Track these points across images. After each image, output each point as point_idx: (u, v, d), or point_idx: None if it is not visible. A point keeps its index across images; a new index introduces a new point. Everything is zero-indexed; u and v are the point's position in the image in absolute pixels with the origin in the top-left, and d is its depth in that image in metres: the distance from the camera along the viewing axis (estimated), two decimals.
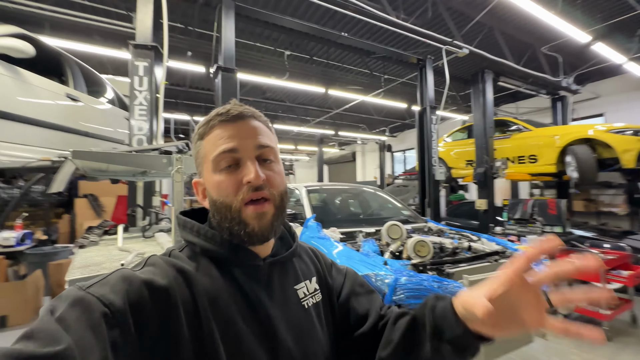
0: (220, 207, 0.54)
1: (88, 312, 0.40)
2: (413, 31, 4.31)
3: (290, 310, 0.59)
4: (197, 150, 0.59)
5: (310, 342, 0.59)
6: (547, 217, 4.08)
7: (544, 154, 5.35)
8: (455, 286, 1.88)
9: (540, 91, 6.82)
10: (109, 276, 0.47)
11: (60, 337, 0.36)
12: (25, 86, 2.35)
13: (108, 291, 0.43)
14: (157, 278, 0.48)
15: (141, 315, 0.43)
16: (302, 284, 0.63)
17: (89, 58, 5.80)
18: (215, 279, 0.53)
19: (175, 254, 0.56)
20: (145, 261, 0.53)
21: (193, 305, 0.49)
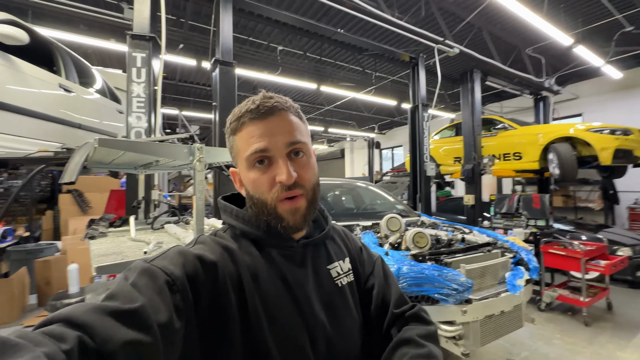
0: (257, 202, 0.58)
1: (154, 279, 0.45)
2: (407, 29, 4.39)
3: (323, 289, 0.61)
4: (231, 144, 0.61)
5: (343, 319, 0.61)
6: (532, 211, 4.28)
7: (528, 151, 5.58)
8: (454, 274, 1.98)
9: (524, 91, 7.09)
10: (167, 252, 0.52)
11: (136, 297, 0.42)
12: (19, 75, 2.27)
13: (168, 263, 0.48)
14: (207, 254, 0.53)
15: (196, 284, 0.49)
16: (336, 264, 0.66)
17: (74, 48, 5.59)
18: (255, 257, 0.58)
19: (220, 234, 0.61)
20: (196, 240, 0.58)
21: (238, 279, 0.54)
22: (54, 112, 2.61)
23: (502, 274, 2.38)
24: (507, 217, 4.53)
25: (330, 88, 7.61)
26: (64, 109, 2.75)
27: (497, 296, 2.14)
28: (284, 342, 0.53)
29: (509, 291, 2.20)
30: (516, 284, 2.26)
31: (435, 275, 1.95)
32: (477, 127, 5.71)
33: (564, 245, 3.67)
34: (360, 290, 0.69)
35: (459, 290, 1.93)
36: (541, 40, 5.99)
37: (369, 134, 13.88)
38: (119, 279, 0.46)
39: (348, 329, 0.61)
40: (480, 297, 2.07)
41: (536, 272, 2.48)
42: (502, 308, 2.14)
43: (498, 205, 4.69)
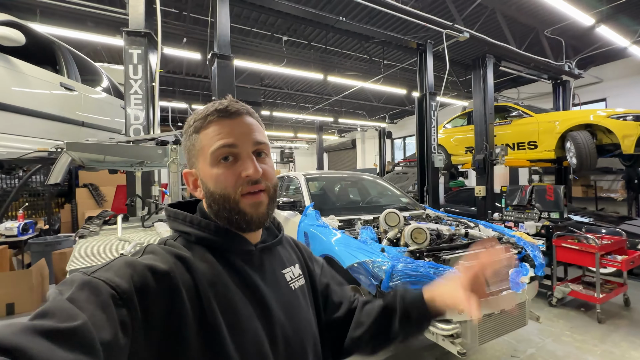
0: (218, 198, 0.58)
1: (96, 293, 0.42)
2: (412, 15, 4.20)
3: (280, 291, 0.64)
4: (192, 142, 0.61)
5: (299, 319, 0.64)
6: (545, 203, 4.09)
7: (543, 140, 5.32)
8: (450, 272, 1.92)
9: (542, 76, 6.71)
10: (112, 262, 0.49)
11: (76, 314, 0.38)
12: (18, 75, 2.32)
13: (113, 275, 0.45)
14: (159, 264, 0.50)
15: (146, 297, 0.46)
16: (288, 269, 0.69)
17: (83, 46, 5.69)
18: (212, 264, 0.56)
19: (170, 243, 0.58)
20: (143, 249, 0.55)
21: (194, 288, 0.52)
22: (56, 110, 2.67)
23: (505, 270, 2.29)
24: (519, 209, 4.35)
25: (338, 78, 7.46)
26: (66, 107, 2.80)
27: (498, 294, 2.06)
28: (244, 346, 0.53)
29: (512, 289, 2.12)
30: (519, 281, 2.17)
31: (431, 273, 1.89)
32: (490, 116, 5.46)
33: (577, 239, 3.50)
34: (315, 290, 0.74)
35: None
36: (561, 20, 5.61)
37: (380, 123, 13.63)
38: (53, 293, 0.42)
39: (303, 328, 0.64)
40: None
41: (542, 268, 2.37)
42: (503, 306, 2.05)
43: (509, 197, 4.51)
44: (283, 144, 20.02)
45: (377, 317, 0.73)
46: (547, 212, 4.06)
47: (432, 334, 2.03)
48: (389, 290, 1.96)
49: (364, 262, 2.06)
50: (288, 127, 15.88)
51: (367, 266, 2.03)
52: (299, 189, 3.68)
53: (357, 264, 2.10)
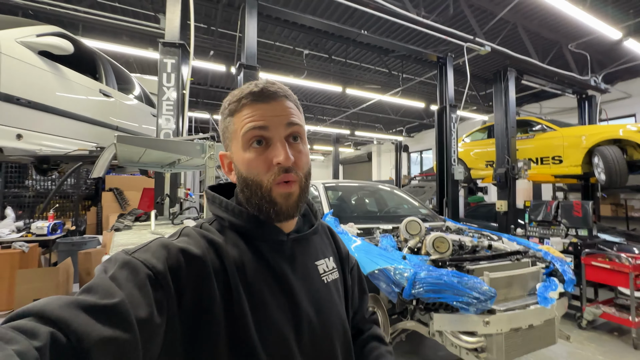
0: (250, 184, 0.57)
1: (135, 273, 0.44)
2: (433, 28, 4.26)
3: (311, 284, 0.62)
4: (226, 125, 0.60)
5: (329, 314, 0.62)
6: (572, 219, 3.93)
7: (569, 154, 5.16)
8: (475, 282, 1.87)
9: (566, 90, 6.57)
10: (150, 244, 0.50)
11: (115, 292, 0.40)
12: (64, 81, 2.51)
13: (150, 256, 0.47)
14: (192, 247, 0.51)
15: (179, 279, 0.47)
16: (322, 261, 0.67)
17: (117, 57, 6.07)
18: (243, 251, 0.56)
19: (205, 227, 0.58)
20: (180, 232, 0.56)
21: (223, 273, 0.52)
22: (94, 115, 2.86)
23: (532, 285, 2.21)
24: (544, 225, 4.20)
25: (356, 90, 7.58)
26: (103, 112, 2.99)
27: (524, 308, 1.98)
28: (269, 336, 0.52)
29: (540, 304, 2.04)
30: (548, 296, 2.08)
31: (455, 282, 1.85)
32: (512, 129, 5.37)
33: (609, 258, 3.33)
34: (346, 285, 0.72)
35: (481, 300, 1.82)
36: (585, 34, 5.53)
37: (396, 137, 13.59)
38: (98, 271, 0.45)
39: (333, 323, 0.62)
40: (506, 308, 1.93)
41: (572, 284, 2.27)
42: (530, 321, 1.98)
43: (533, 213, 4.36)
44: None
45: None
46: (574, 228, 3.90)
47: (455, 347, 1.96)
48: (410, 298, 1.93)
49: (386, 268, 2.04)
50: None
51: (388, 273, 2.01)
52: (318, 197, 3.71)
53: (377, 271, 2.08)
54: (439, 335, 2.01)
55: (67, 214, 6.28)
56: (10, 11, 4.41)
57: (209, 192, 0.63)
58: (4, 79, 2.01)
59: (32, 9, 4.29)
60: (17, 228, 4.52)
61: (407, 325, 2.15)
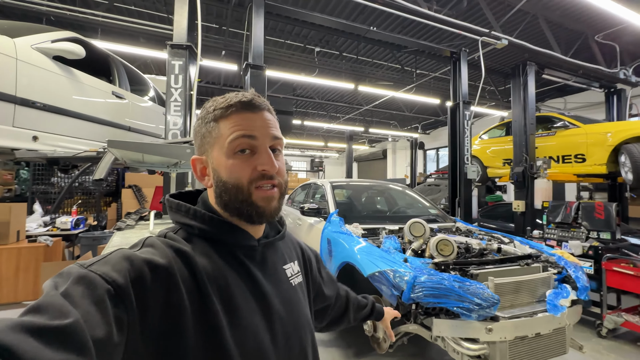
0: (231, 188, 0.57)
1: (92, 288, 0.40)
2: (446, 23, 4.12)
3: (281, 287, 0.64)
4: (209, 130, 0.59)
5: (299, 315, 0.65)
6: (594, 221, 3.71)
7: (593, 153, 4.87)
8: (477, 287, 1.80)
9: (592, 84, 6.20)
10: (109, 256, 0.47)
11: (68, 311, 0.37)
12: (78, 84, 2.63)
13: (110, 269, 0.44)
14: (157, 258, 0.49)
15: (143, 293, 0.45)
16: (289, 265, 0.69)
17: (135, 59, 6.28)
18: (213, 258, 0.55)
19: (170, 236, 0.56)
20: (143, 242, 0.54)
21: (193, 282, 0.51)
22: (107, 116, 2.97)
23: (542, 291, 2.11)
24: (563, 227, 4.00)
25: (369, 88, 7.47)
26: (115, 113, 3.11)
27: (531, 316, 1.90)
28: (244, 341, 0.52)
29: (549, 312, 1.94)
30: (558, 304, 1.98)
31: (456, 287, 1.80)
32: (531, 126, 5.13)
33: (633, 264, 3.13)
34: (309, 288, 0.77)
35: (483, 306, 1.76)
36: (614, 24, 5.19)
37: (411, 134, 13.33)
38: (48, 287, 0.41)
39: (301, 323, 0.65)
40: (510, 315, 1.86)
41: (586, 292, 2.15)
42: (538, 330, 1.90)
43: (552, 214, 4.16)
44: (313, 153, 20.27)
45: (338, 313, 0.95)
46: (596, 231, 3.69)
47: (457, 354, 1.91)
48: (410, 302, 1.89)
49: (385, 271, 2.01)
50: (318, 137, 16.09)
51: (388, 276, 1.98)
52: (325, 196, 3.70)
53: (378, 273, 2.05)
54: (441, 340, 1.96)
55: (90, 210, 6.60)
56: (35, 17, 4.65)
57: (172, 201, 0.62)
58: (20, 84, 2.13)
59: (54, 15, 4.50)
60: (44, 222, 4.80)
61: (409, 329, 2.11)
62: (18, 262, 3.81)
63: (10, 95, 2.08)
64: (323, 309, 0.88)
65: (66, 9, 4.44)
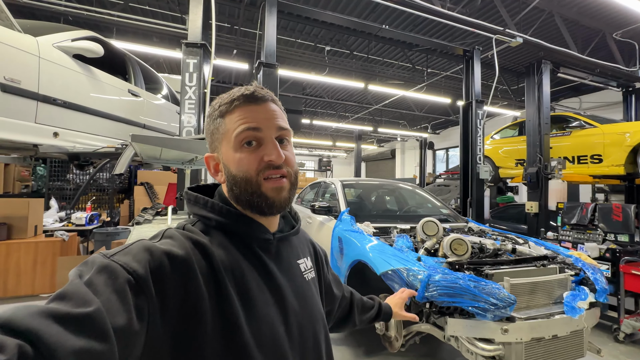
0: (240, 181, 0.58)
1: (114, 278, 0.42)
2: (459, 20, 4.07)
3: (295, 281, 0.64)
4: (216, 126, 0.61)
5: (312, 309, 0.65)
6: (611, 223, 3.62)
7: (610, 153, 4.75)
8: (493, 287, 1.78)
9: (609, 83, 6.05)
10: (131, 246, 0.48)
11: (91, 299, 0.38)
12: (96, 82, 2.69)
13: (131, 260, 0.45)
14: (176, 249, 0.49)
15: (162, 283, 0.45)
16: (302, 260, 0.70)
17: (148, 58, 6.38)
18: (230, 250, 0.56)
19: (189, 228, 0.57)
20: (162, 234, 0.55)
21: (211, 273, 0.52)
22: (123, 113, 3.03)
23: (559, 293, 2.07)
24: (578, 229, 3.91)
25: (379, 87, 7.43)
26: (131, 111, 3.16)
27: (548, 317, 1.87)
28: (260, 332, 0.53)
29: (566, 314, 1.91)
30: (576, 306, 1.94)
31: (471, 286, 1.78)
32: (545, 126, 5.03)
33: None
34: (321, 284, 0.78)
35: (499, 306, 1.73)
36: (633, 21, 5.04)
37: (421, 133, 13.21)
38: (73, 275, 0.42)
39: (315, 317, 0.65)
40: (527, 317, 1.83)
41: (605, 294, 2.10)
42: (555, 332, 1.86)
43: (567, 215, 4.07)
44: (321, 152, 20.27)
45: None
46: (613, 233, 3.60)
47: (472, 354, 1.89)
48: (424, 301, 1.87)
49: (399, 269, 2.00)
50: (327, 136, 16.07)
51: (401, 274, 1.97)
52: (335, 194, 3.69)
53: (391, 271, 2.05)
54: (455, 340, 1.94)
55: (103, 206, 6.74)
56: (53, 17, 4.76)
57: (190, 194, 0.62)
58: (42, 82, 2.19)
59: (72, 15, 4.61)
60: (59, 218, 4.92)
61: (421, 328, 2.10)
62: (36, 255, 3.91)
63: (33, 92, 2.14)
64: (330, 311, 0.88)
65: (83, 9, 4.54)
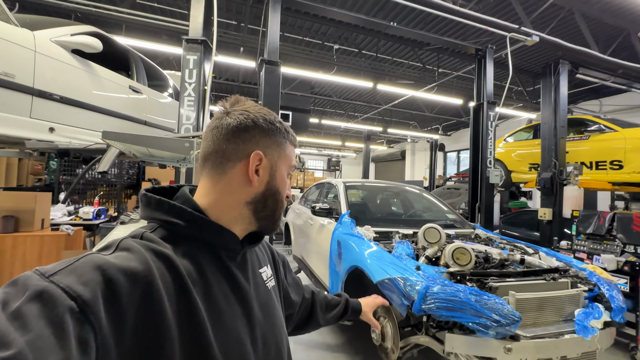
0: (279, 201, 0.64)
1: (50, 306, 0.35)
2: (472, 18, 3.90)
3: (259, 290, 0.65)
4: (282, 144, 0.64)
5: (274, 317, 0.66)
6: (631, 234, 3.40)
7: (632, 159, 4.49)
8: (496, 302, 1.65)
9: (633, 85, 5.73)
10: (77, 262, 0.41)
11: (12, 339, 0.32)
12: (95, 78, 2.67)
13: (75, 281, 0.38)
14: (134, 264, 0.44)
15: (117, 307, 0.40)
16: (264, 268, 0.71)
17: (157, 56, 6.41)
18: (196, 259, 0.53)
19: (147, 236, 0.51)
20: (117, 245, 0.48)
21: (176, 287, 0.48)
22: (123, 109, 3.01)
23: (570, 310, 1.92)
24: (595, 239, 3.70)
25: (388, 86, 7.28)
26: (132, 107, 3.14)
27: (557, 337, 1.72)
28: (227, 346, 0.52)
29: (577, 333, 1.76)
30: (589, 325, 1.79)
31: (472, 300, 1.65)
32: (561, 129, 4.80)
33: None
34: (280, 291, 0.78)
35: (502, 323, 1.60)
36: None
37: (432, 135, 12.94)
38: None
39: (277, 326, 0.66)
40: (533, 335, 1.69)
41: (621, 313, 1.93)
42: (564, 353, 1.72)
43: (583, 224, 3.86)
44: (330, 152, 20.16)
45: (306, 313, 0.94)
46: (632, 245, 3.38)
47: None
48: (421, 313, 1.76)
49: (395, 278, 1.88)
50: (336, 136, 15.96)
51: (398, 284, 1.86)
52: (338, 196, 3.60)
53: (387, 280, 1.94)
54: (454, 356, 1.82)
55: (111, 201, 6.84)
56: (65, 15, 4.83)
57: (151, 196, 0.56)
58: (38, 76, 2.18)
59: (81, 12, 4.65)
60: (68, 212, 4.99)
61: (420, 341, 1.98)
62: (41, 249, 3.95)
63: (27, 87, 2.13)
64: (288, 316, 0.87)
65: (92, 5, 4.58)
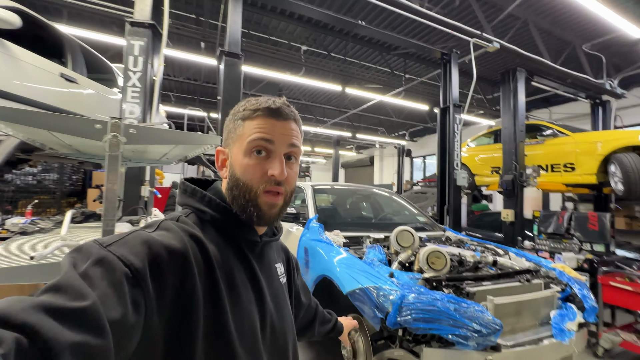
0: (241, 186, 0.60)
1: (110, 270, 0.42)
2: (438, 21, 3.93)
3: (273, 282, 0.68)
4: (235, 126, 0.63)
5: (284, 309, 0.69)
6: (587, 233, 3.54)
7: (582, 162, 4.77)
8: (476, 310, 1.51)
9: (579, 94, 6.19)
10: (128, 237, 0.48)
11: (87, 293, 0.38)
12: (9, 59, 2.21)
13: (128, 252, 0.45)
14: (173, 242, 0.50)
15: (160, 276, 0.46)
16: (279, 264, 0.74)
17: (108, 48, 5.81)
18: (221, 246, 0.58)
19: (183, 220, 0.58)
20: (158, 224, 0.55)
21: (205, 267, 0.53)
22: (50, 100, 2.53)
23: (545, 312, 1.84)
24: (555, 238, 3.82)
25: (356, 90, 7.25)
26: (62, 98, 2.67)
27: (537, 343, 1.62)
28: (243, 328, 0.55)
29: (555, 337, 1.67)
30: (565, 328, 1.71)
31: (450, 309, 1.49)
32: (520, 133, 5.00)
33: (629, 278, 2.94)
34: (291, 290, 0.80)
35: (483, 333, 1.46)
36: (602, 34, 5.17)
37: (399, 141, 13.25)
38: (67, 264, 0.42)
39: (286, 319, 0.68)
40: (514, 343, 1.57)
41: (594, 313, 1.89)
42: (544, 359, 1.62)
43: (543, 224, 3.99)
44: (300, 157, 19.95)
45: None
46: (589, 243, 3.51)
47: None
48: (396, 327, 1.57)
49: (367, 288, 1.69)
50: (305, 141, 15.80)
51: (370, 294, 1.66)
52: (306, 200, 3.38)
53: (359, 290, 1.73)
54: None
55: (49, 211, 6.02)
56: None
57: (188, 185, 0.64)
58: None
59: None
60: None
61: (394, 355, 1.79)
62: None
63: None
64: (295, 317, 0.87)
65: None
